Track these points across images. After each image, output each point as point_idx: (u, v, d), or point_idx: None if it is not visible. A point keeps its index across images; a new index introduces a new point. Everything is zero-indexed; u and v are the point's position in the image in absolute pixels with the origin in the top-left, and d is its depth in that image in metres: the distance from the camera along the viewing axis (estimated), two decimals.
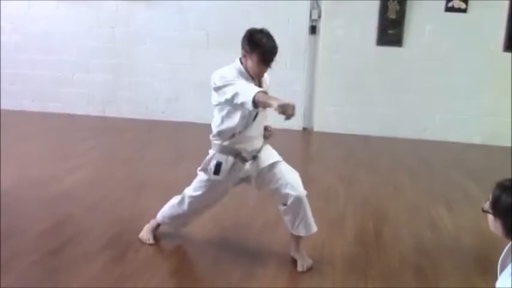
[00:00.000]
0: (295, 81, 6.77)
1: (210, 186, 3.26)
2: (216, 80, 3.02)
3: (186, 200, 3.36)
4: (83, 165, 5.10)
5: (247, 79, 3.05)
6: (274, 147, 3.39)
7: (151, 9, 6.85)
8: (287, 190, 3.22)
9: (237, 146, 3.17)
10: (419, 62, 6.57)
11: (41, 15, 7.10)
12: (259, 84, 3.12)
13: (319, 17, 6.64)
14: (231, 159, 3.17)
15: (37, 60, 7.26)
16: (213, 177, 3.21)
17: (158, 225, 3.56)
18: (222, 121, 3.14)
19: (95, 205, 4.16)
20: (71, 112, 7.22)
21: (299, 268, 3.26)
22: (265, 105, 2.90)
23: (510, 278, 1.82)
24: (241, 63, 3.08)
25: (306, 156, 6.39)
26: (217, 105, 3.11)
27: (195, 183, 3.32)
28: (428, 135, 6.69)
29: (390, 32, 6.50)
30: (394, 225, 4.05)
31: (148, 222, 3.58)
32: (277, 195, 3.24)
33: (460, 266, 3.41)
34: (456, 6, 6.35)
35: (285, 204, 3.23)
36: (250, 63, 3.04)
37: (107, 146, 6.00)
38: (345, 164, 5.62)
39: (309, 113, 6.97)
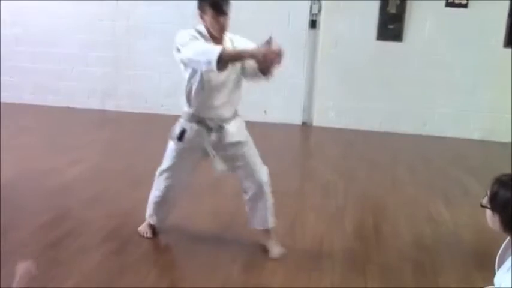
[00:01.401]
0: (295, 76, 6.76)
1: (177, 155, 3.25)
2: (177, 40, 3.01)
3: (160, 179, 3.36)
4: (82, 159, 5.10)
5: (206, 40, 3.01)
6: (273, 142, 3.39)
7: (152, 3, 6.83)
8: (248, 182, 3.27)
9: (202, 114, 3.15)
10: (419, 57, 6.56)
11: (41, 8, 7.07)
12: (217, 44, 3.01)
13: (320, 11, 6.62)
14: (195, 126, 3.16)
15: (37, 53, 7.24)
16: (177, 143, 3.21)
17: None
18: (186, 85, 3.14)
19: (94, 198, 4.17)
20: (71, 105, 7.20)
21: (271, 255, 3.32)
22: (236, 59, 2.90)
23: (508, 273, 1.83)
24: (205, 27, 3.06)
25: (305, 151, 6.39)
26: (182, 66, 3.08)
27: (166, 155, 3.32)
28: (427, 131, 6.69)
29: (390, 26, 6.48)
30: (393, 220, 4.06)
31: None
32: (240, 181, 3.30)
33: (458, 261, 3.42)
34: (457, 1, 6.32)
35: (245, 193, 3.30)
36: (208, 20, 3.00)
37: (106, 139, 6.00)
38: (344, 159, 5.62)
39: (308, 108, 6.97)
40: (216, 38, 3.06)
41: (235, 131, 3.21)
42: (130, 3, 6.90)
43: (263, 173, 3.29)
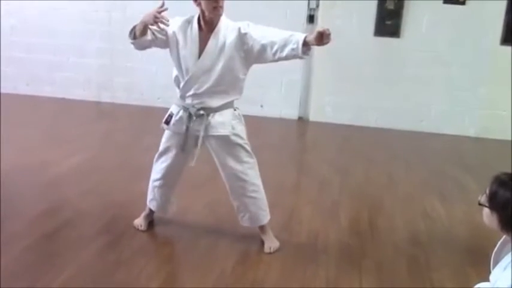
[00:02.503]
0: (292, 71, 6.74)
1: (167, 139, 3.29)
2: None
3: (157, 163, 3.38)
4: (78, 151, 5.09)
5: (189, 25, 3.07)
6: (270, 137, 3.39)
7: None
8: (229, 180, 3.27)
9: (187, 100, 3.16)
10: (416, 54, 6.56)
11: None
12: (210, 30, 3.04)
13: (317, 6, 6.61)
14: (181, 112, 3.18)
15: (33, 44, 7.20)
16: (164, 126, 3.25)
17: (151, 211, 3.55)
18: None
19: (90, 190, 4.16)
20: (66, 97, 7.17)
21: (266, 250, 3.32)
22: (140, 31, 3.11)
23: (505, 271, 1.84)
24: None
25: (301, 146, 6.39)
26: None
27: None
28: (424, 127, 6.70)
29: (388, 22, 6.48)
30: (388, 215, 4.07)
31: (143, 207, 3.58)
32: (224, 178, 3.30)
33: (453, 257, 3.43)
34: None
35: (230, 192, 3.32)
36: (202, 3, 3.00)
37: (102, 131, 5.98)
38: (340, 155, 5.63)
39: (305, 103, 6.97)
40: (210, 24, 3.05)
41: (217, 124, 3.15)
42: None
43: (245, 170, 3.22)
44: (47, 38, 7.15)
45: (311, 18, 6.65)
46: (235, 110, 3.23)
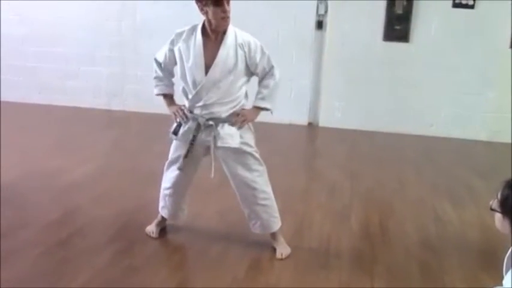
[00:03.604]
0: (301, 76, 6.77)
1: (177, 149, 3.30)
2: None
3: (167, 172, 3.40)
4: (90, 158, 5.13)
5: (192, 36, 3.09)
6: (280, 143, 3.40)
7: (158, 3, 6.86)
8: (238, 190, 3.29)
9: (195, 111, 3.17)
10: (425, 58, 6.55)
11: (48, 7, 7.10)
12: (217, 39, 3.06)
13: (326, 12, 6.63)
14: (190, 123, 3.18)
15: (44, 53, 7.27)
16: (172, 137, 3.26)
17: (163, 218, 3.58)
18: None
19: (102, 197, 4.19)
20: (77, 105, 7.23)
21: (278, 255, 3.32)
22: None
23: None
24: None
25: (311, 151, 6.40)
26: None
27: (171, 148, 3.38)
28: (434, 131, 6.68)
29: (397, 27, 6.48)
30: (399, 219, 4.06)
31: (154, 214, 3.60)
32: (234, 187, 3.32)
33: (465, 261, 3.42)
34: (464, 2, 6.32)
35: (240, 200, 3.34)
36: (209, 12, 2.98)
37: (113, 138, 6.03)
38: (350, 159, 5.63)
39: (314, 108, 6.97)
40: (217, 33, 3.06)
41: (225, 135, 3.15)
42: (137, 2, 6.93)
43: (254, 178, 3.23)
44: (57, 47, 7.21)
45: (320, 24, 6.67)
46: None
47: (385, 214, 4.17)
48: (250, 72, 3.18)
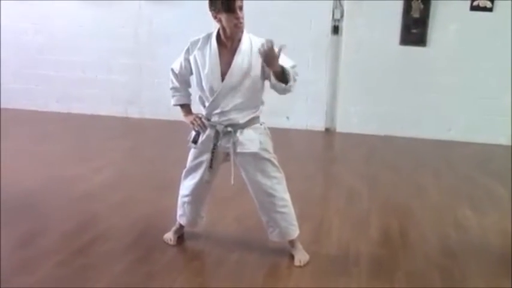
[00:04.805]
0: (318, 82, 6.75)
1: (195, 157, 3.29)
2: None
3: (185, 180, 3.39)
4: (107, 165, 5.15)
5: (207, 43, 3.08)
6: (297, 149, 3.38)
7: (174, 9, 6.89)
8: (257, 196, 3.26)
9: (213, 118, 3.16)
10: (443, 62, 6.49)
11: (64, 16, 7.17)
12: (233, 46, 3.06)
13: (342, 16, 6.60)
14: (208, 131, 3.18)
15: (61, 61, 7.33)
16: (192, 145, 3.25)
17: (181, 225, 3.57)
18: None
19: (120, 204, 4.20)
20: (94, 113, 7.28)
21: (296, 263, 3.29)
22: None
23: None
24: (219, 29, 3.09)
25: (328, 157, 6.35)
26: None
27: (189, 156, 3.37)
28: (452, 136, 6.61)
29: (414, 31, 6.43)
30: (418, 225, 4.02)
31: (172, 221, 3.60)
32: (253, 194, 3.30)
33: (487, 267, 3.37)
34: (482, 5, 6.26)
35: (258, 207, 3.32)
36: (222, 20, 2.98)
37: (130, 146, 6.05)
38: (367, 165, 5.59)
39: (331, 114, 6.94)
40: (231, 39, 3.05)
41: (245, 140, 3.15)
42: (153, 9, 6.97)
43: (273, 185, 3.22)
44: (74, 56, 7.27)
45: (336, 29, 6.64)
46: (261, 124, 3.23)
47: (404, 220, 4.13)
48: (265, 77, 3.15)
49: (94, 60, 7.26)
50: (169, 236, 3.55)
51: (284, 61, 3.02)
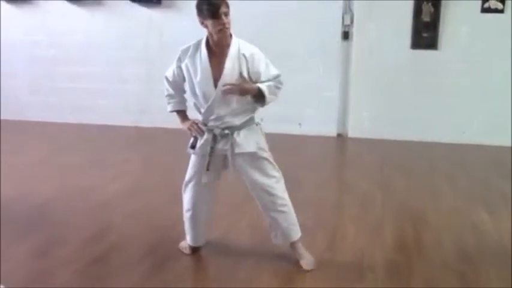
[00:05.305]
0: (329, 87, 6.75)
1: (194, 165, 3.32)
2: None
3: (186, 192, 3.42)
4: (121, 175, 5.18)
5: (197, 51, 3.09)
6: (310, 155, 3.38)
7: (185, 19, 6.91)
8: (258, 195, 3.26)
9: (210, 123, 3.18)
10: (455, 64, 6.46)
11: (76, 28, 7.25)
12: (223, 52, 3.06)
13: (352, 22, 6.60)
14: (206, 135, 3.20)
15: (74, 73, 7.40)
16: (190, 151, 3.27)
17: None
18: None
19: (134, 214, 4.23)
20: (107, 123, 7.33)
21: (304, 267, 3.30)
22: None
23: None
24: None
25: (341, 163, 6.34)
26: None
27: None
28: (466, 139, 6.56)
29: (425, 35, 6.41)
30: (434, 230, 3.99)
31: None
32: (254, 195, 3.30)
33: (504, 271, 3.33)
34: (493, 6, 6.23)
35: (261, 208, 3.32)
36: (208, 25, 3.01)
37: (143, 155, 6.09)
38: (381, 170, 5.56)
39: (343, 119, 6.93)
40: (220, 45, 3.06)
41: (242, 141, 3.18)
42: (164, 19, 7.02)
43: (272, 184, 3.23)
44: (87, 67, 7.34)
45: (346, 35, 6.64)
46: (257, 124, 3.27)
47: (419, 225, 4.10)
48: (254, 82, 3.16)
49: (106, 71, 7.32)
50: (185, 245, 3.56)
51: (268, 71, 3.10)
